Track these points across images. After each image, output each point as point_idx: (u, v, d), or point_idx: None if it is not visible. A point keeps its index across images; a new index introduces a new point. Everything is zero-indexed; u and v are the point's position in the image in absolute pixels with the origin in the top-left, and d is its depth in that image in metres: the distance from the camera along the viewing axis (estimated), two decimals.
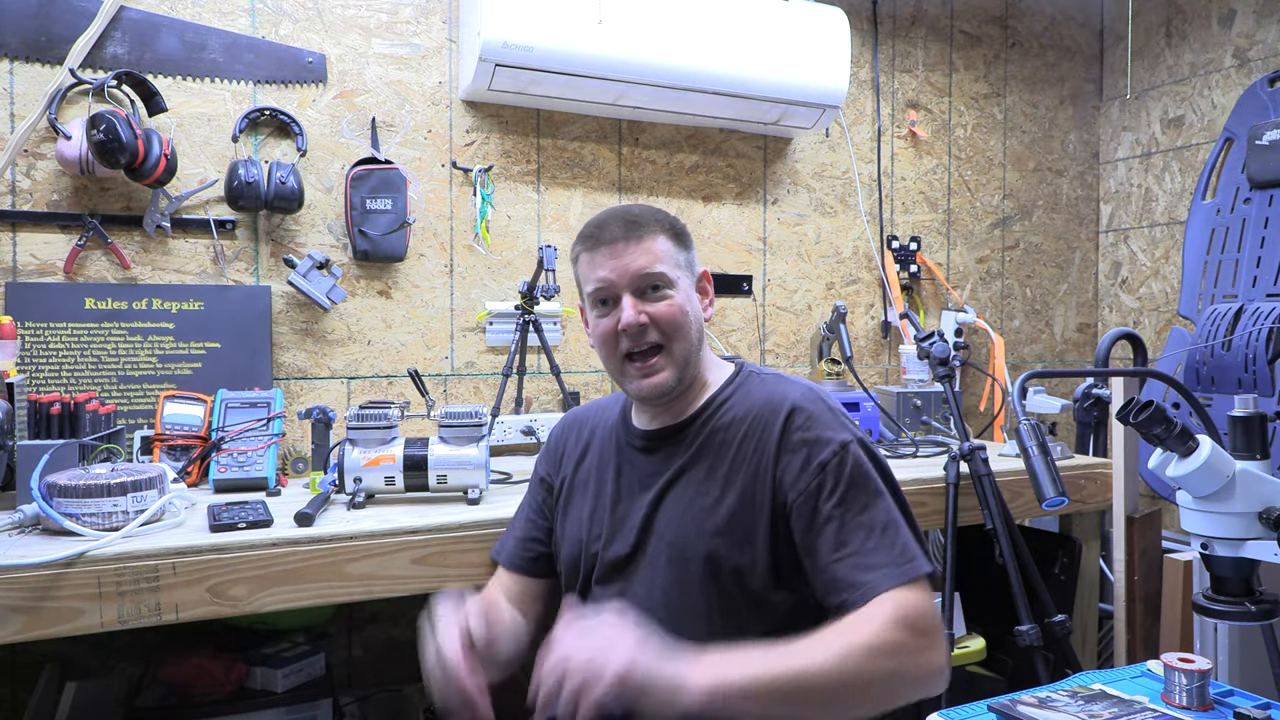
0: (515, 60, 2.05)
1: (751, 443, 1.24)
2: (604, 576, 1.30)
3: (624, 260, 1.23)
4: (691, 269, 1.31)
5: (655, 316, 1.23)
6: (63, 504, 1.32)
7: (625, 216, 1.26)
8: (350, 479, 1.58)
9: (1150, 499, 2.78)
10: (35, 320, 1.83)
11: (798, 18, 2.34)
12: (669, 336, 1.24)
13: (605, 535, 1.30)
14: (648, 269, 1.23)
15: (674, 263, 1.26)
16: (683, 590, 1.23)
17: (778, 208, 2.64)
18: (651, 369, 1.24)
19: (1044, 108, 3.08)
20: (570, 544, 1.35)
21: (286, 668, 1.73)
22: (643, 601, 1.24)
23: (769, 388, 1.29)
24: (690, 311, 1.26)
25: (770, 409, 1.25)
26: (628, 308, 1.22)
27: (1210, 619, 1.36)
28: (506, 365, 2.08)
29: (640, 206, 1.30)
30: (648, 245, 1.24)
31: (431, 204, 2.21)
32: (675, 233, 1.29)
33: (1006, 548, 1.71)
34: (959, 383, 2.80)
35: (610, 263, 1.23)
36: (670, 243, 1.27)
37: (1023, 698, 1.06)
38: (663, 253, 1.25)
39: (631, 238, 1.24)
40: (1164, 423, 1.17)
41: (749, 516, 1.23)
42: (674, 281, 1.25)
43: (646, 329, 1.23)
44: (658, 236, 1.25)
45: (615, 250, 1.23)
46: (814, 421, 1.21)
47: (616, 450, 1.36)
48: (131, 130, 1.77)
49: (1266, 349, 2.36)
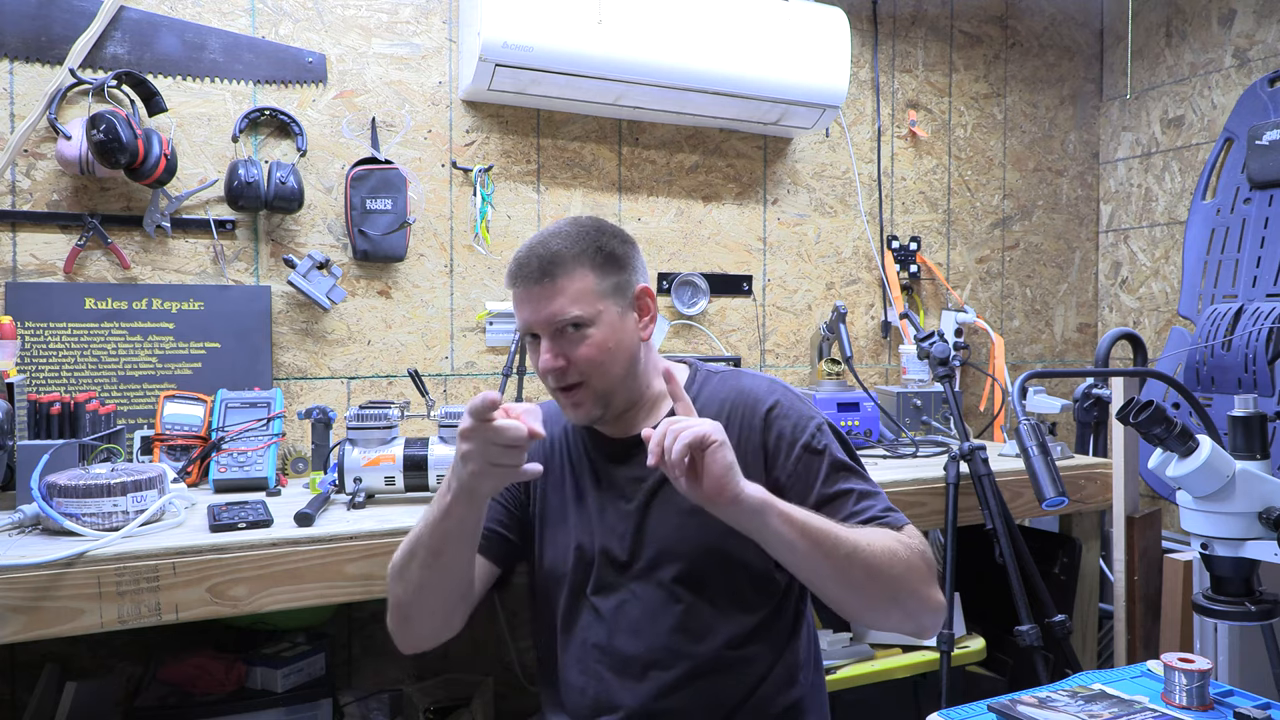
0: (515, 60, 2.05)
1: (733, 436, 1.24)
2: (602, 587, 1.27)
3: (539, 305, 1.20)
4: (622, 293, 1.25)
5: (573, 359, 1.21)
6: (63, 504, 1.32)
7: (542, 254, 1.21)
8: (350, 479, 1.58)
9: (1150, 499, 2.78)
10: (35, 320, 1.83)
11: (798, 18, 2.34)
12: (588, 375, 1.22)
13: (596, 543, 1.28)
14: (562, 314, 1.19)
15: (595, 296, 1.22)
16: (692, 590, 1.24)
17: (778, 208, 2.64)
18: (576, 400, 1.24)
19: (1044, 108, 3.08)
20: (554, 553, 1.31)
21: (286, 668, 1.73)
22: (649, 608, 1.24)
23: (731, 384, 1.33)
24: (614, 345, 1.23)
25: (745, 403, 1.29)
26: (544, 351, 1.21)
27: (1210, 619, 1.36)
28: (506, 365, 2.08)
29: (561, 237, 1.23)
30: (562, 286, 1.20)
31: (431, 204, 2.21)
32: (602, 259, 1.23)
33: (1006, 548, 1.71)
34: (959, 383, 2.80)
35: (528, 305, 1.21)
36: (592, 274, 1.22)
37: (1023, 698, 1.06)
38: (580, 291, 1.21)
39: (545, 280, 1.20)
40: (1164, 423, 1.17)
41: None
42: (593, 319, 1.21)
43: (565, 371, 1.21)
44: (574, 272, 1.21)
45: (531, 294, 1.21)
46: (790, 409, 1.28)
47: (590, 458, 1.33)
48: (131, 130, 1.77)
49: (1266, 349, 2.36)
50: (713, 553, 1.24)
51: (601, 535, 1.28)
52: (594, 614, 1.27)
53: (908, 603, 1.15)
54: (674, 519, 1.25)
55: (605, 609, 1.26)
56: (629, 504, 1.28)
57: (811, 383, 2.45)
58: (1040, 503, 1.53)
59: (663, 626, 1.23)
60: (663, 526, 1.26)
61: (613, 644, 1.25)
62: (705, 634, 1.24)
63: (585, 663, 1.27)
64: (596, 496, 1.31)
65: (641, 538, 1.26)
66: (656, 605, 1.24)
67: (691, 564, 1.24)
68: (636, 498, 1.27)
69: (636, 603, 1.25)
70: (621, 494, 1.29)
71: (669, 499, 1.26)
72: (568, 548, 1.30)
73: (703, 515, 1.24)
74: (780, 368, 2.63)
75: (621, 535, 1.27)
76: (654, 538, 1.26)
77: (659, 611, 1.24)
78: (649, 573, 1.26)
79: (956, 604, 1.97)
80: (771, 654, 1.28)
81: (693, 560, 1.24)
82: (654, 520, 1.26)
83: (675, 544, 1.25)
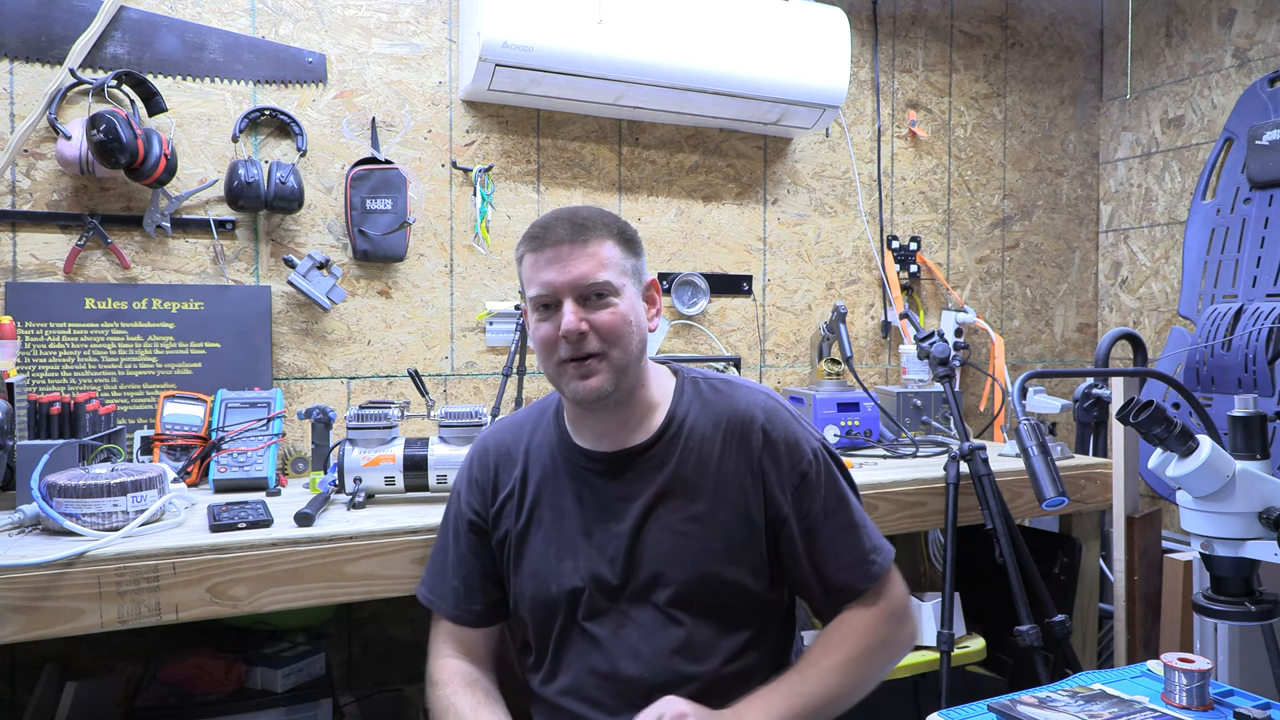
0: (515, 60, 2.05)
1: (730, 459, 1.24)
2: (594, 612, 1.24)
3: (568, 265, 1.18)
4: (639, 276, 1.26)
5: (596, 325, 1.18)
6: (63, 504, 1.32)
7: (572, 219, 1.21)
8: (350, 479, 1.58)
9: (1150, 499, 2.78)
10: (35, 320, 1.83)
11: (798, 18, 2.34)
12: (608, 344, 1.19)
13: (585, 568, 1.24)
14: (592, 276, 1.18)
15: (620, 269, 1.21)
16: (688, 611, 1.22)
17: (778, 208, 2.64)
18: (588, 370, 1.19)
19: (1044, 108, 3.08)
20: (536, 583, 1.27)
21: (286, 668, 1.73)
22: (647, 631, 1.22)
23: (726, 398, 1.29)
24: (634, 321, 1.22)
25: (741, 421, 1.26)
26: (569, 313, 1.17)
27: (1210, 619, 1.36)
28: (506, 365, 2.08)
29: (589, 209, 1.24)
30: (594, 250, 1.19)
31: (431, 204, 2.21)
32: (624, 238, 1.24)
33: (1006, 548, 1.71)
34: (959, 383, 2.80)
35: (554, 267, 1.18)
36: (618, 248, 1.22)
37: (1023, 698, 1.06)
38: (609, 259, 1.20)
39: (578, 241, 1.18)
40: (1164, 423, 1.17)
41: (747, 530, 1.24)
42: (619, 289, 1.20)
43: (586, 336, 1.18)
44: (605, 241, 1.20)
45: (560, 254, 1.18)
46: (788, 430, 1.27)
47: (570, 476, 1.28)
48: (131, 130, 1.77)
49: (1266, 349, 2.36)
50: (708, 573, 1.22)
51: (590, 559, 1.24)
52: (590, 641, 1.24)
53: (894, 664, 1.30)
54: (668, 540, 1.22)
55: (602, 635, 1.23)
56: (619, 524, 1.24)
57: (811, 383, 2.45)
58: (1040, 503, 1.53)
59: (664, 649, 1.21)
60: (657, 548, 1.22)
61: (616, 670, 1.21)
62: (705, 654, 1.22)
63: (583, 691, 1.24)
64: (580, 518, 1.26)
65: (635, 560, 1.23)
66: (655, 628, 1.22)
67: (687, 586, 1.22)
68: (628, 518, 1.23)
69: (634, 627, 1.22)
70: (611, 514, 1.25)
71: (661, 519, 1.23)
72: (553, 576, 1.25)
73: (696, 536, 1.23)
74: (780, 368, 2.63)
75: (612, 558, 1.23)
76: (648, 560, 1.22)
77: (658, 634, 1.21)
78: (644, 595, 1.23)
79: (956, 604, 1.97)
80: (768, 664, 1.27)
81: (688, 582, 1.22)
82: (648, 542, 1.23)
83: (670, 566, 1.22)
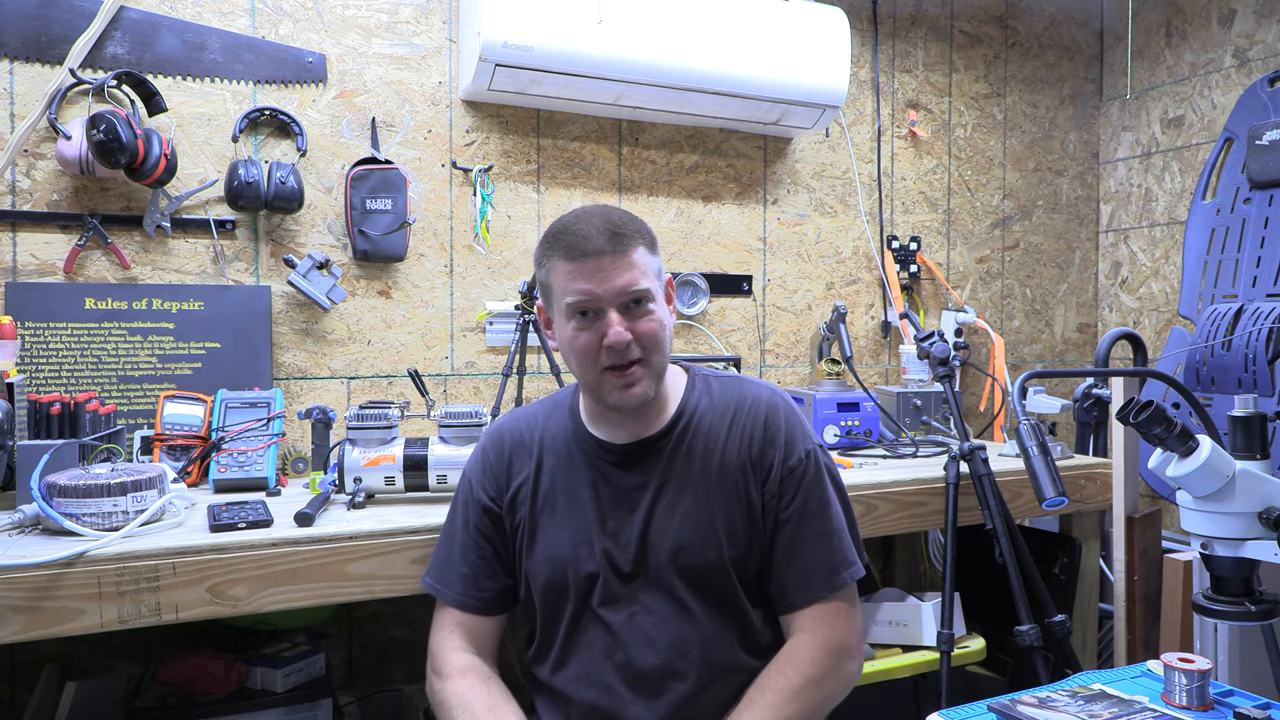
0: (515, 60, 2.05)
1: (735, 446, 1.27)
2: (608, 599, 1.25)
3: (609, 275, 1.18)
4: (662, 276, 1.28)
5: (638, 333, 1.20)
6: (63, 504, 1.32)
7: (608, 226, 1.20)
8: (350, 479, 1.58)
9: (1150, 499, 2.78)
10: (35, 320, 1.83)
11: (798, 18, 2.34)
12: (649, 351, 1.22)
13: (600, 556, 1.26)
14: (634, 286, 1.19)
15: (653, 273, 1.23)
16: (700, 597, 1.24)
17: (778, 208, 2.64)
18: (632, 379, 1.21)
19: (1044, 108, 3.08)
20: (551, 568, 1.28)
21: (286, 668, 1.73)
22: (660, 618, 1.23)
23: (733, 390, 1.33)
24: (668, 325, 1.25)
25: (747, 409, 1.30)
26: (615, 324, 1.18)
27: (1210, 619, 1.36)
28: (506, 365, 2.08)
29: (619, 213, 1.24)
30: (632, 259, 1.20)
31: (431, 204, 2.21)
32: (650, 241, 1.25)
33: (1006, 548, 1.71)
34: (959, 383, 2.80)
35: (595, 276, 1.18)
36: (648, 253, 1.23)
37: (1023, 698, 1.06)
38: (644, 266, 1.21)
39: (618, 251, 1.19)
40: (1164, 423, 1.17)
41: (750, 516, 1.26)
42: (655, 295, 1.22)
43: (630, 346, 1.20)
44: (639, 246, 1.21)
45: (601, 264, 1.18)
46: (787, 425, 1.29)
47: (586, 465, 1.30)
48: (131, 130, 1.77)
49: (1266, 349, 2.36)
50: (716, 560, 1.23)
51: (605, 545, 1.26)
52: (603, 628, 1.25)
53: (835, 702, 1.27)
54: (678, 527, 1.24)
55: (615, 622, 1.24)
56: (634, 513, 1.26)
57: (811, 383, 2.45)
58: (1040, 503, 1.53)
59: (676, 636, 1.22)
60: (668, 535, 1.24)
61: (629, 658, 1.22)
62: (716, 641, 1.23)
63: (594, 677, 1.24)
64: (595, 505, 1.28)
65: (647, 547, 1.25)
66: (668, 615, 1.23)
67: (698, 572, 1.23)
68: (641, 506, 1.26)
69: (647, 614, 1.23)
70: (625, 502, 1.27)
71: (672, 506, 1.25)
72: (568, 561, 1.27)
73: (706, 522, 1.24)
74: (780, 368, 2.63)
75: (625, 545, 1.25)
76: (660, 546, 1.24)
77: (671, 621, 1.23)
78: (656, 582, 1.24)
79: (956, 604, 1.97)
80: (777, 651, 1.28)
81: (699, 568, 1.23)
82: (658, 528, 1.25)
83: (681, 553, 1.23)
